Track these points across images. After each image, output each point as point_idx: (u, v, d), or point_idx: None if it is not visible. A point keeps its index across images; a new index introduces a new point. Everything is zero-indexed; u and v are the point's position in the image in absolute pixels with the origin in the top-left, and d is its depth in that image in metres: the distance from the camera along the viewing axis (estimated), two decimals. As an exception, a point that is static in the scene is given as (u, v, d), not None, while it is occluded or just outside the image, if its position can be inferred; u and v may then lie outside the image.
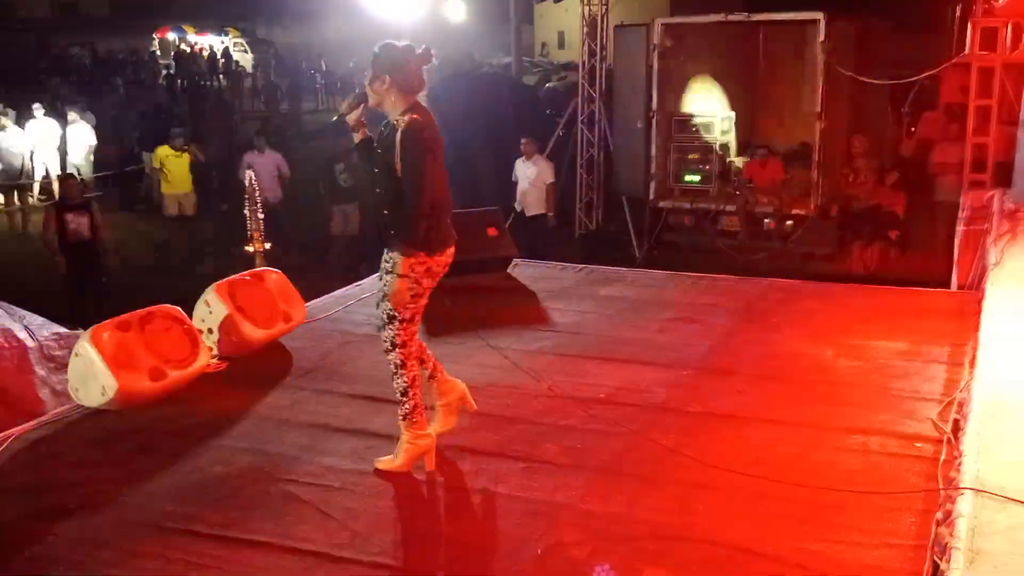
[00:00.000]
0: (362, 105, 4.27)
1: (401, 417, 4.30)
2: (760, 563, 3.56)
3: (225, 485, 4.27)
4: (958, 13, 11.51)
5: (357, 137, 4.32)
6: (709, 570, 3.53)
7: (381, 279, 4.23)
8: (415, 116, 4.08)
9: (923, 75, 11.92)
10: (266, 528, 3.87)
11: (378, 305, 4.25)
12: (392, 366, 4.27)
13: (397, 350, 4.23)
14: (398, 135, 4.06)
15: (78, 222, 9.78)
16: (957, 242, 7.92)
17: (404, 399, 4.28)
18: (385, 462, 4.36)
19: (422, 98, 4.26)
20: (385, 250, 4.21)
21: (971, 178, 9.83)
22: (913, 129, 14.31)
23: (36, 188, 15.91)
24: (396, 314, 4.18)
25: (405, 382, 4.26)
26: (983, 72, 9.76)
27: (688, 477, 4.24)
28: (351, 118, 4.30)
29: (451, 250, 4.26)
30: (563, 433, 4.74)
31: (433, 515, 4.10)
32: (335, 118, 4.56)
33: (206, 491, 4.21)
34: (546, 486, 4.19)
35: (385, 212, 4.16)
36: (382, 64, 4.14)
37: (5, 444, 4.67)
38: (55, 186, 13.46)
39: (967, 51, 9.84)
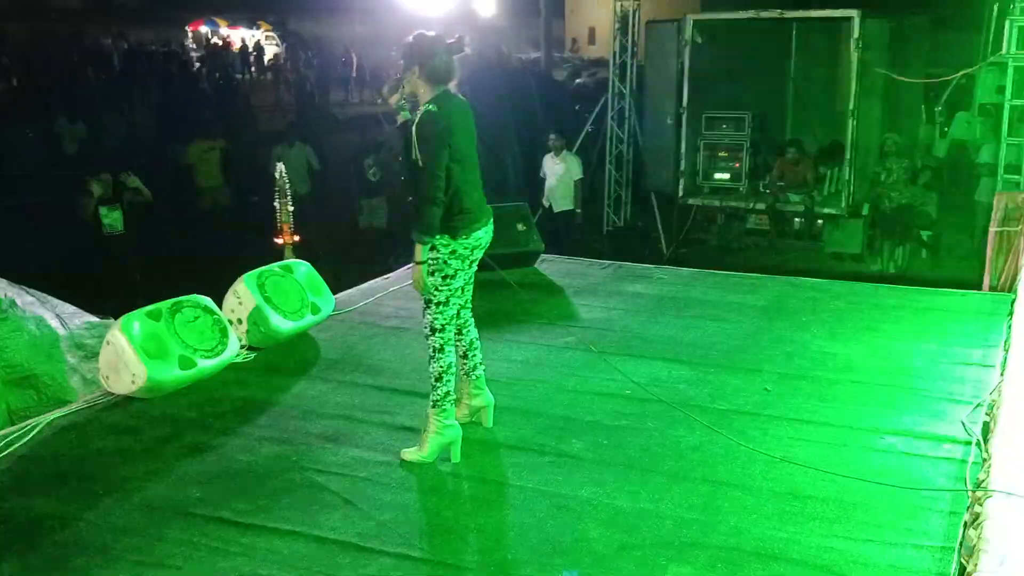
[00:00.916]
0: (400, 89, 4.36)
1: (431, 403, 4.33)
2: (786, 561, 3.54)
3: (252, 473, 4.30)
4: (995, 12, 11.36)
5: (400, 120, 4.39)
6: (735, 568, 3.51)
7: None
8: (431, 108, 4.14)
9: (958, 74, 11.81)
10: (292, 516, 3.89)
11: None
12: (430, 350, 4.32)
13: (436, 334, 4.29)
14: (413, 127, 4.16)
15: (112, 217, 9.91)
16: (989, 243, 7.83)
17: (437, 384, 4.31)
18: (411, 452, 4.38)
19: (455, 87, 4.31)
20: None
21: (1005, 179, 9.74)
22: (947, 129, 14.19)
23: None
24: (432, 297, 4.25)
25: (440, 367, 4.30)
26: (1019, 72, 9.66)
27: (714, 474, 4.23)
28: (392, 100, 4.40)
29: (479, 232, 4.31)
30: (589, 428, 4.73)
31: (458, 507, 4.10)
32: (379, 101, 4.67)
33: (233, 479, 4.25)
34: (572, 481, 4.19)
35: (409, 199, 4.25)
36: (412, 54, 4.22)
37: (36, 430, 4.72)
38: None
39: (1003, 50, 9.74)
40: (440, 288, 4.25)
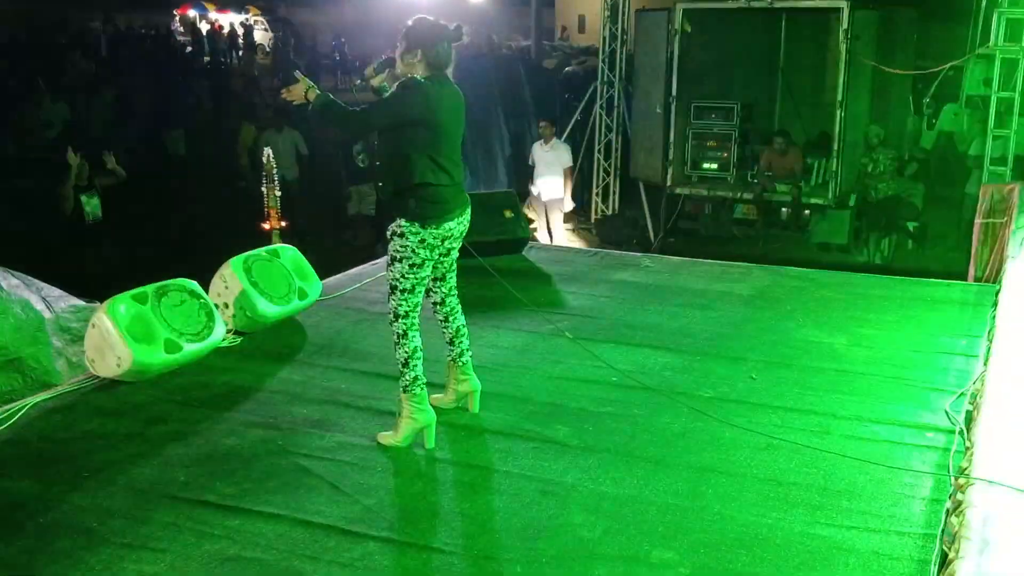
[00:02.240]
0: (387, 71, 4.41)
1: (401, 389, 4.34)
2: (769, 547, 3.57)
3: (237, 457, 4.30)
4: (983, 3, 11.39)
5: None
6: (717, 554, 3.53)
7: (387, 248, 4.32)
8: (419, 77, 4.17)
9: (946, 66, 11.84)
10: (277, 500, 3.90)
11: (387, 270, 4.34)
12: (394, 336, 4.32)
13: (399, 320, 4.28)
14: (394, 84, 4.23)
15: (92, 204, 9.71)
16: (975, 234, 7.88)
17: (404, 370, 4.31)
18: (386, 436, 4.40)
19: (451, 74, 4.32)
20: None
21: (991, 171, 9.79)
22: (934, 120, 14.25)
23: None
24: (397, 284, 4.25)
25: (406, 352, 4.29)
26: (1007, 64, 9.70)
27: (699, 461, 4.25)
28: (375, 81, 4.46)
29: (451, 223, 4.28)
30: (574, 415, 4.75)
31: (444, 492, 4.12)
32: (359, 82, 4.70)
33: (218, 463, 4.24)
34: (557, 466, 4.21)
35: (379, 184, 4.37)
36: (415, 38, 4.22)
37: (20, 413, 4.71)
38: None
39: (991, 42, 9.77)
40: (406, 276, 4.23)
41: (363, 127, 4.38)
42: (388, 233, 4.25)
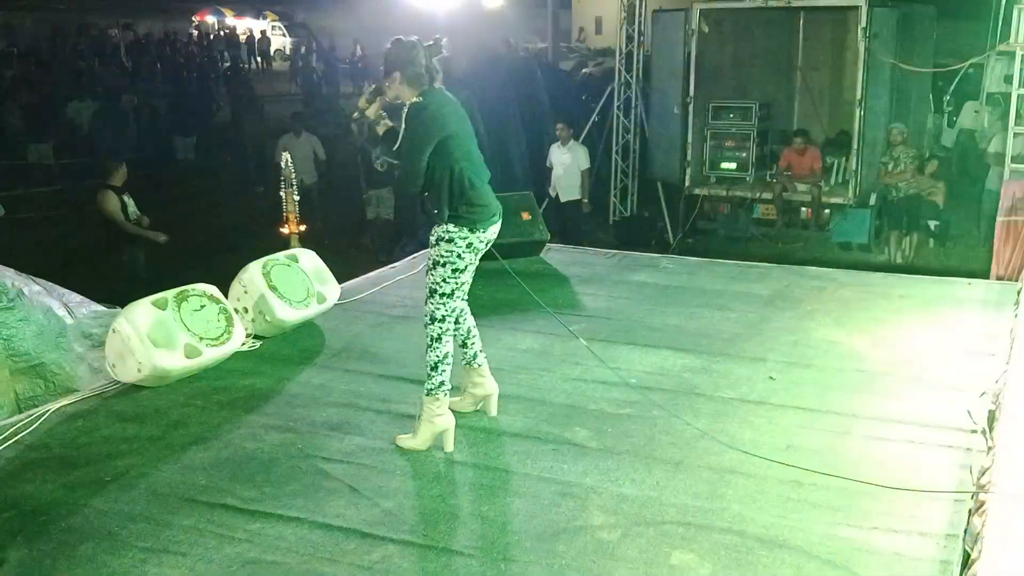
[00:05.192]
0: (379, 98, 4.47)
1: (425, 392, 4.35)
2: (790, 550, 3.55)
3: (257, 461, 4.32)
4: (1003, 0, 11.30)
5: (380, 130, 4.48)
6: (738, 555, 3.52)
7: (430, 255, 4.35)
8: (417, 100, 4.24)
9: (966, 63, 11.75)
10: (297, 503, 3.91)
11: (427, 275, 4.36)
12: (428, 339, 4.34)
13: (435, 323, 4.31)
14: (403, 118, 4.26)
15: (132, 203, 9.62)
16: (997, 232, 7.82)
17: (432, 373, 4.32)
18: (405, 439, 4.42)
19: (449, 82, 4.35)
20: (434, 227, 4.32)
21: (1013, 168, 9.70)
22: (955, 118, 14.15)
23: None
24: (438, 288, 4.28)
25: (437, 356, 4.31)
26: (1027, 60, 9.60)
27: (719, 462, 4.23)
28: (370, 112, 4.50)
29: (495, 227, 4.35)
30: (593, 417, 4.74)
31: (463, 495, 4.12)
32: (355, 115, 4.75)
33: (238, 466, 4.26)
34: (576, 469, 4.20)
35: (425, 194, 4.31)
36: (392, 61, 4.31)
37: (43, 419, 4.74)
38: None
39: (1011, 39, 9.69)
40: (448, 280, 4.27)
41: (411, 176, 4.29)
42: (433, 238, 4.28)
